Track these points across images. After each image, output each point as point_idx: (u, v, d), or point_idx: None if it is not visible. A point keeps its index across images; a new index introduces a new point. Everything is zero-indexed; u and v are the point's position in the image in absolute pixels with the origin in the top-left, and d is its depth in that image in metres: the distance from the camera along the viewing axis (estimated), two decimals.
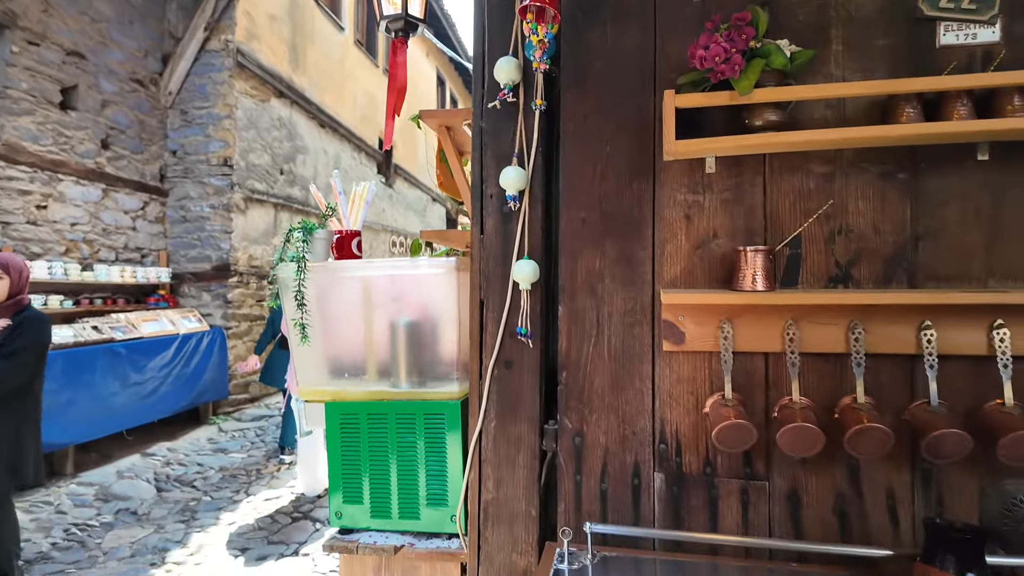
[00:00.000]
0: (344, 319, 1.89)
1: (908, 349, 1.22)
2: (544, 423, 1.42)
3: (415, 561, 1.84)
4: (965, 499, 1.22)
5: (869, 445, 1.16)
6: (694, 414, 1.33)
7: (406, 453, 1.81)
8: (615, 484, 1.37)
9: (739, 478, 1.31)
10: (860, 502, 1.25)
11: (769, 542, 1.25)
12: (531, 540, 1.38)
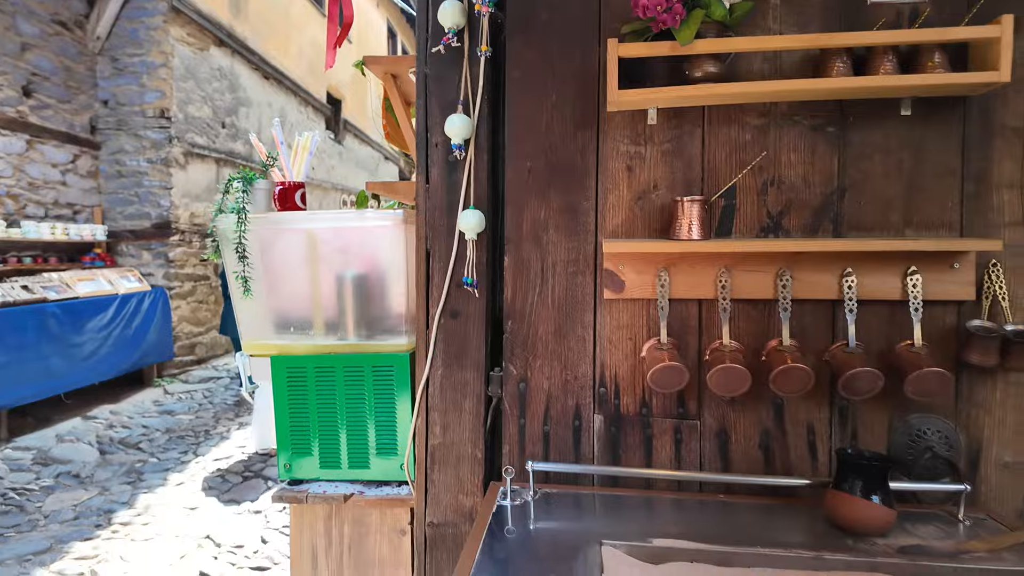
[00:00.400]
0: (288, 272, 1.86)
1: (831, 295, 1.30)
2: (490, 370, 1.45)
3: (365, 509, 1.88)
4: (876, 432, 1.32)
5: (792, 384, 1.24)
6: (632, 359, 1.39)
7: (355, 405, 1.82)
8: (557, 426, 1.42)
9: (673, 418, 1.38)
10: (783, 437, 1.35)
11: (699, 475, 1.33)
12: (477, 481, 1.42)
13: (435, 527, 1.45)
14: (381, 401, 1.80)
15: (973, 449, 1.29)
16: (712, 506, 1.28)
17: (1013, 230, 1.26)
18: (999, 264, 1.26)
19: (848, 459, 1.14)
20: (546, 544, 1.10)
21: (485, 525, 1.16)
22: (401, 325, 1.82)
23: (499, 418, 1.46)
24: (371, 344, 1.83)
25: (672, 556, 1.03)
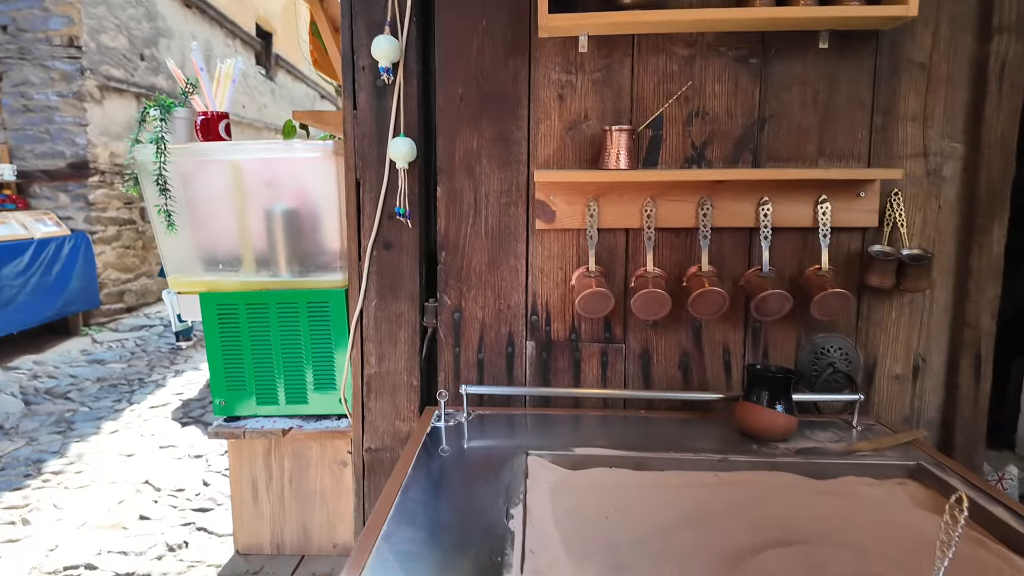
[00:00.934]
0: (214, 206, 1.80)
1: (748, 223, 1.36)
2: (425, 301, 1.47)
3: (305, 442, 1.90)
4: (785, 351, 1.42)
5: (708, 307, 1.31)
6: (562, 287, 1.43)
7: (290, 341, 1.81)
8: (491, 353, 1.46)
9: (600, 342, 1.44)
10: (701, 358, 1.43)
11: (623, 392, 1.41)
12: (413, 408, 1.46)
13: (372, 452, 1.49)
14: (317, 337, 1.80)
15: (869, 364, 1.41)
16: (634, 421, 1.37)
17: (913, 161, 1.35)
18: (900, 193, 1.35)
19: (756, 373, 1.23)
20: (477, 458, 1.15)
21: (418, 444, 1.20)
22: (336, 261, 1.80)
23: (435, 347, 1.49)
24: (305, 280, 1.81)
25: (592, 463, 1.10)
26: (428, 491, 1.03)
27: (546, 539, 0.84)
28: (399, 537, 0.87)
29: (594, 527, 0.90)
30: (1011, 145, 1.32)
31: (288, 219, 1.80)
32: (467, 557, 0.82)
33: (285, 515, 1.94)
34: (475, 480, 1.06)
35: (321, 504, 1.92)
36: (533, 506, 0.93)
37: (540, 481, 1.02)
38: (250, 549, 1.97)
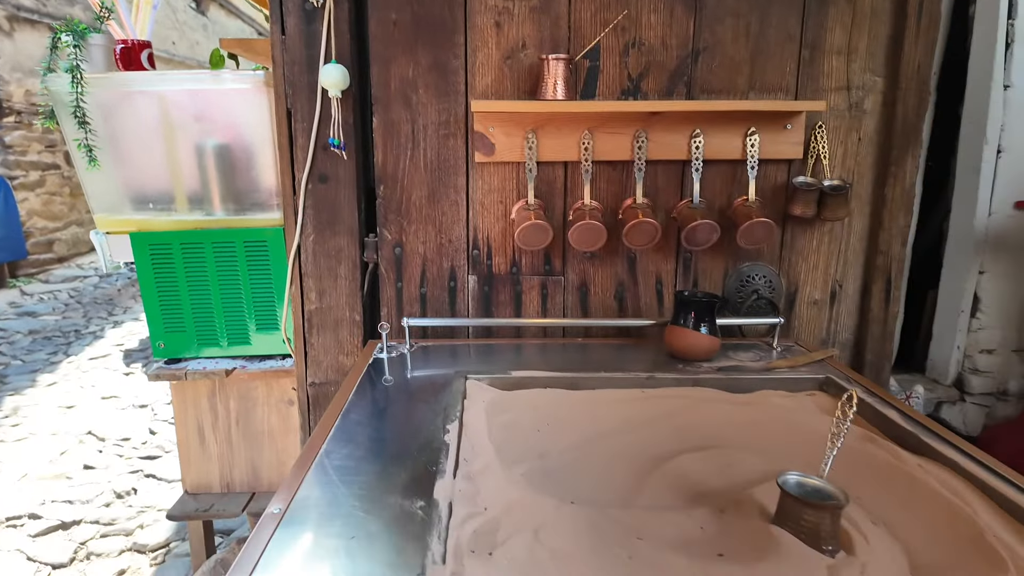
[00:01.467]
0: (139, 142, 1.71)
1: (681, 155, 1.40)
2: (365, 236, 1.46)
3: (249, 382, 1.90)
4: (713, 279, 1.49)
5: (642, 238, 1.36)
6: (503, 221, 1.45)
7: (229, 281, 1.78)
8: (433, 288, 1.48)
9: (540, 275, 1.48)
10: (635, 288, 1.49)
11: (562, 321, 1.47)
12: (356, 342, 1.47)
13: (317, 386, 1.50)
14: (257, 277, 1.77)
15: (791, 290, 1.50)
16: (572, 348, 1.42)
17: (837, 94, 1.40)
18: (823, 126, 1.41)
19: (683, 298, 1.29)
20: (419, 385, 1.18)
21: (361, 372, 1.22)
22: (272, 199, 1.76)
23: (377, 283, 1.49)
24: (242, 219, 1.76)
25: (528, 384, 1.15)
26: (368, 414, 1.05)
27: (479, 449, 0.88)
28: (338, 454, 0.90)
29: (526, 438, 0.95)
30: (927, 79, 1.38)
31: (220, 155, 1.74)
32: (404, 468, 0.86)
33: (233, 455, 1.95)
34: (415, 403, 1.09)
35: (269, 443, 1.93)
36: (469, 422, 0.98)
37: (477, 401, 1.06)
38: (199, 489, 1.97)
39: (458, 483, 0.78)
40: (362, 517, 0.75)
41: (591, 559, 0.63)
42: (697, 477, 0.86)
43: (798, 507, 0.70)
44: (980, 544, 0.70)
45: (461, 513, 0.72)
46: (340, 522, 0.74)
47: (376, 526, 0.73)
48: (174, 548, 2.43)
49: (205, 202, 1.77)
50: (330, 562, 0.67)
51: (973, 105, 2.08)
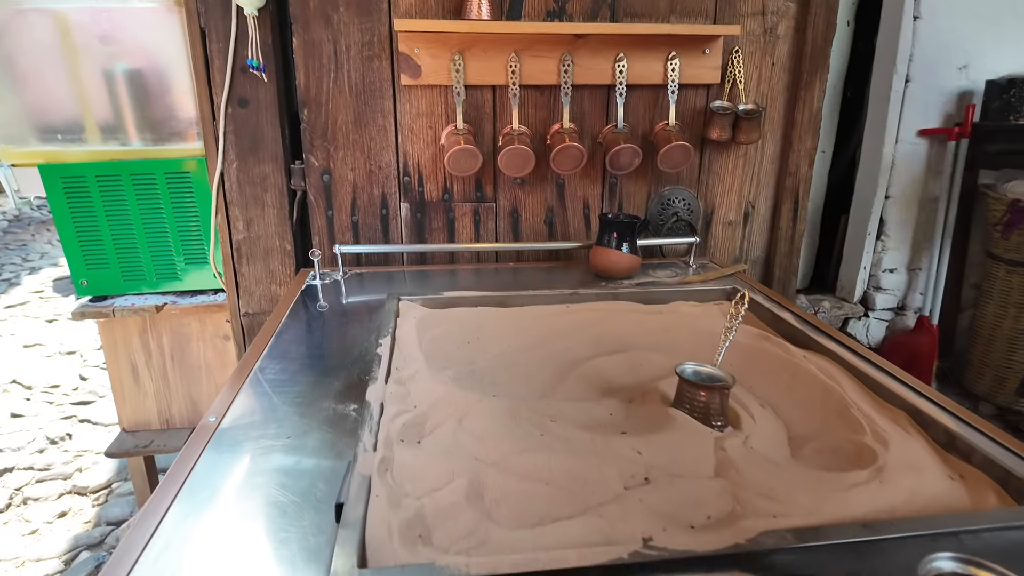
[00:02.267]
0: (40, 66, 1.59)
1: (606, 80, 1.43)
2: (291, 163, 1.44)
3: (182, 318, 1.87)
4: (637, 203, 1.56)
5: (568, 162, 1.40)
6: (433, 147, 1.45)
7: (152, 215, 1.72)
8: (365, 215, 1.48)
9: (472, 201, 1.50)
10: (564, 212, 1.54)
11: (494, 245, 1.51)
12: (288, 272, 1.48)
13: (251, 316, 1.51)
14: (181, 209, 1.72)
15: (708, 212, 1.59)
16: (504, 272, 1.48)
17: (753, 20, 1.45)
18: (740, 51, 1.46)
19: (606, 220, 1.36)
20: (353, 309, 1.21)
21: (293, 298, 1.24)
22: (193, 127, 1.68)
23: (306, 211, 1.48)
24: (161, 149, 1.69)
25: (459, 303, 1.20)
26: (302, 334, 1.08)
27: (410, 359, 0.93)
28: (272, 369, 0.93)
29: (455, 349, 1.00)
30: (835, 5, 1.44)
31: (132, 81, 1.64)
32: (337, 379, 0.90)
33: (170, 391, 1.94)
34: (349, 324, 1.12)
35: (207, 378, 1.93)
36: (401, 337, 1.02)
37: (409, 318, 1.10)
38: (137, 427, 1.97)
39: (389, 387, 0.83)
40: (297, 420, 0.79)
41: (507, 438, 0.69)
42: (609, 375, 0.94)
43: (692, 390, 0.78)
44: (845, 415, 0.81)
45: (392, 411, 0.77)
46: (275, 425, 0.78)
47: (310, 426, 0.78)
48: (116, 488, 2.43)
49: (119, 132, 1.68)
50: (267, 458, 0.71)
51: (886, 36, 2.17)
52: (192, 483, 0.67)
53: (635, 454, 0.69)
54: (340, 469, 0.69)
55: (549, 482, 0.63)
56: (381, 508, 0.59)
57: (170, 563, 0.56)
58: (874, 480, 0.66)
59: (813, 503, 0.62)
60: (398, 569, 0.52)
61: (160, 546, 0.58)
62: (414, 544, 0.55)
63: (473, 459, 0.67)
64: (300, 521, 0.61)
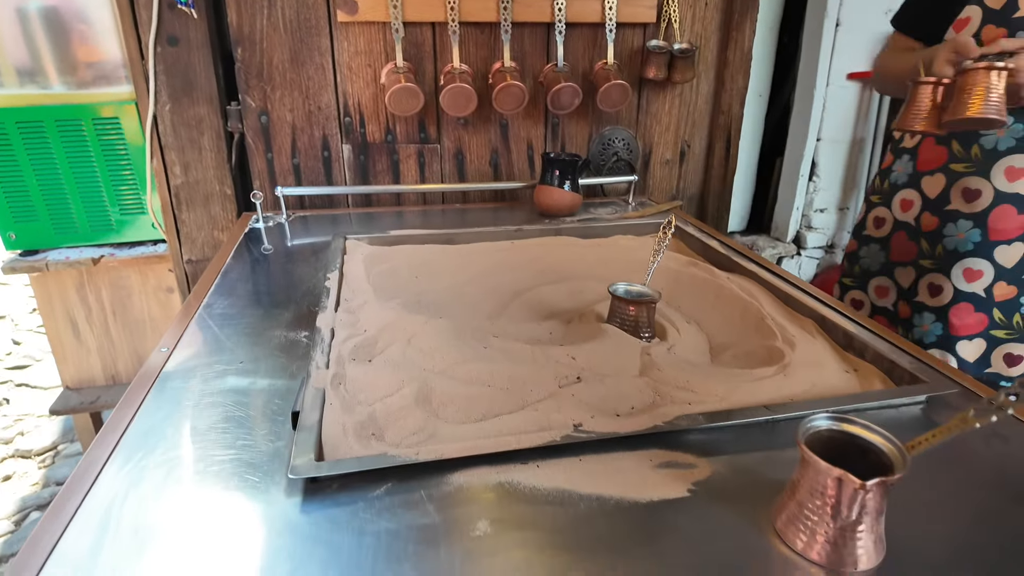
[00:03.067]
0: None
1: (545, 18, 1.44)
2: (227, 104, 1.40)
3: (121, 271, 1.83)
4: (579, 143, 1.60)
5: (510, 101, 1.42)
6: (373, 86, 1.44)
7: (81, 163, 1.65)
8: (306, 158, 1.47)
9: (416, 143, 1.51)
10: (508, 154, 1.57)
11: (440, 186, 1.53)
12: (230, 217, 1.46)
13: (194, 264, 1.49)
14: (113, 156, 1.65)
15: (646, 152, 1.65)
16: (451, 213, 1.50)
17: None
18: None
19: (548, 159, 1.39)
20: (299, 250, 1.22)
21: (237, 240, 1.24)
22: (120, 70, 1.61)
23: (245, 154, 1.46)
24: (86, 94, 1.61)
25: (406, 241, 1.22)
26: (248, 273, 1.09)
27: (359, 291, 0.96)
28: (220, 305, 0.95)
29: (403, 283, 1.04)
30: None
31: (48, 19, 1.54)
32: (287, 311, 0.93)
33: (114, 347, 1.91)
34: (295, 263, 1.14)
35: (152, 331, 1.91)
36: (349, 272, 1.05)
37: (356, 255, 1.12)
38: (81, 384, 1.93)
39: (339, 315, 0.86)
40: (249, 347, 0.82)
41: (453, 352, 0.74)
42: (551, 302, 0.99)
43: (622, 305, 0.85)
44: (761, 326, 0.89)
45: (342, 335, 0.80)
46: (228, 353, 0.80)
47: (263, 353, 0.80)
48: (63, 450, 2.39)
49: (38, 75, 1.59)
50: (221, 380, 0.74)
51: None
52: (149, 405, 0.69)
53: (570, 360, 0.75)
54: (294, 387, 0.72)
55: (491, 385, 0.69)
56: (335, 413, 0.63)
57: (136, 470, 0.59)
58: (780, 374, 0.74)
59: (725, 393, 0.70)
60: (354, 460, 0.57)
61: (123, 458, 0.60)
62: (368, 441, 0.60)
63: (421, 370, 0.72)
64: (258, 431, 0.65)
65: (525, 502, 0.55)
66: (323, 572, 0.48)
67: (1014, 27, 0.95)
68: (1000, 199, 0.98)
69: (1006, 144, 0.97)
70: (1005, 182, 0.97)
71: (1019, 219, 0.97)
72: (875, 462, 0.50)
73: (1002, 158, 0.97)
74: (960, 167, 1.03)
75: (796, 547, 0.50)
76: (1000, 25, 0.97)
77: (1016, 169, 0.97)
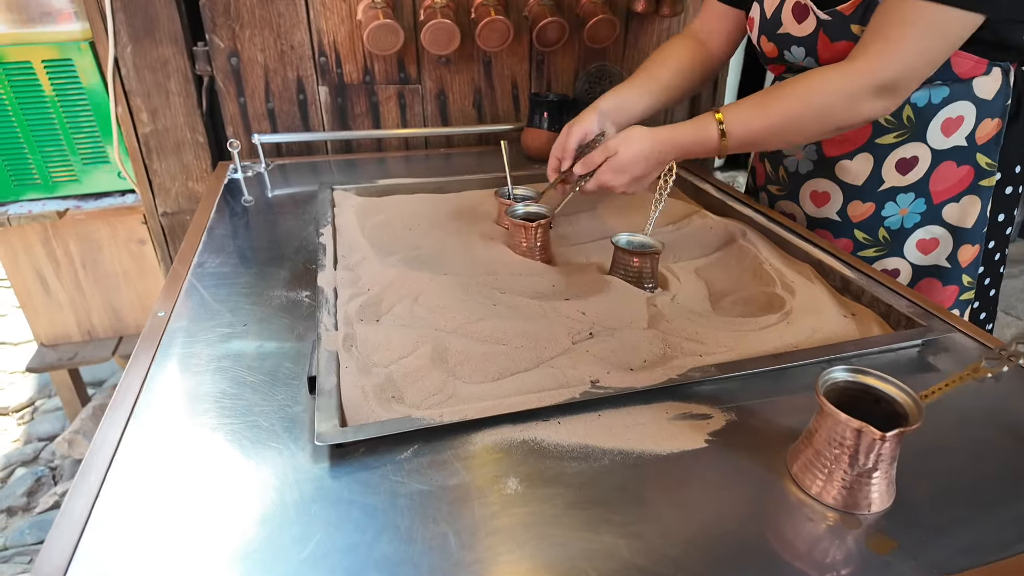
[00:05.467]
0: None
1: None
2: (193, 45, 1.31)
3: (89, 223, 1.75)
4: (565, 82, 1.55)
5: (495, 37, 1.36)
6: (349, 23, 1.36)
7: (34, 110, 1.54)
8: (281, 102, 1.40)
9: (396, 83, 1.44)
10: (492, 93, 1.52)
11: (422, 131, 1.48)
12: (205, 166, 1.39)
13: (170, 216, 1.43)
14: (70, 102, 1.55)
15: None
16: (436, 158, 1.46)
17: None
18: None
19: (536, 99, 1.35)
20: (282, 201, 1.18)
21: (217, 193, 1.19)
22: (68, 6, 1.48)
23: (216, 99, 1.38)
24: (33, 33, 1.49)
25: (395, 191, 1.19)
26: (235, 228, 1.06)
27: (355, 246, 0.94)
28: (211, 263, 0.92)
29: (398, 235, 1.02)
30: None
31: None
32: (283, 268, 0.91)
33: (88, 301, 1.85)
34: (282, 216, 1.10)
35: (127, 284, 1.85)
36: (341, 226, 1.02)
37: (346, 207, 1.09)
38: (56, 340, 1.88)
39: (339, 273, 0.85)
40: (250, 309, 0.80)
41: (462, 309, 0.74)
42: None
43: (626, 256, 0.85)
44: (759, 271, 0.91)
45: (346, 294, 0.79)
46: (229, 315, 0.78)
47: (265, 314, 0.79)
48: (41, 405, 2.36)
49: None
50: (227, 345, 0.72)
51: None
52: (156, 374, 0.68)
53: (580, 315, 0.75)
54: (303, 350, 0.71)
55: (505, 343, 0.69)
56: (352, 376, 0.63)
57: (155, 444, 0.58)
58: (782, 322, 0.76)
59: (732, 343, 0.72)
60: (378, 424, 0.57)
61: (139, 432, 0.60)
62: (388, 403, 0.60)
63: (433, 329, 0.71)
64: (273, 396, 0.64)
65: (550, 458, 0.56)
66: (361, 534, 0.49)
67: (780, 43, 0.97)
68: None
69: (805, 168, 1.05)
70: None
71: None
72: (888, 410, 0.53)
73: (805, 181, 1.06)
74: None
75: (811, 491, 0.53)
76: (771, 39, 0.99)
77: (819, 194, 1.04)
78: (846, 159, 0.98)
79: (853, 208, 1.00)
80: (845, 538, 0.50)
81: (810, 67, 0.94)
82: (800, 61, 0.97)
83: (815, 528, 0.50)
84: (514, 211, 0.95)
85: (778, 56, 1.00)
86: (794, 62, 0.98)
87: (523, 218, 0.94)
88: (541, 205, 0.98)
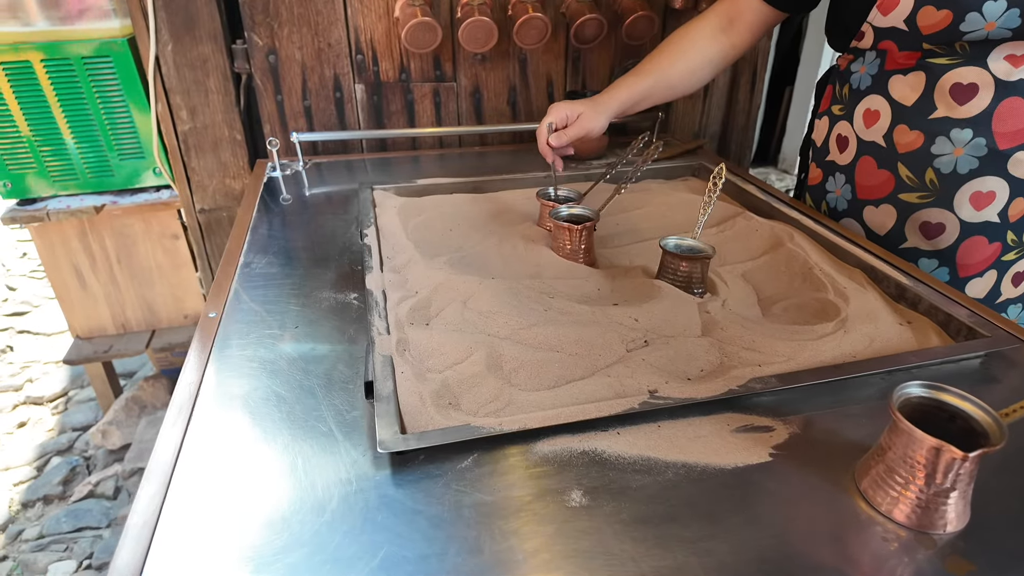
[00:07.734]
0: None
1: None
2: (232, 43, 1.32)
3: (124, 219, 1.77)
4: (601, 78, 1.53)
5: (533, 35, 1.34)
6: (386, 20, 1.35)
7: (75, 107, 1.56)
8: (318, 99, 1.40)
9: (431, 81, 1.44)
10: (527, 91, 1.50)
11: (457, 129, 1.47)
12: (242, 164, 1.40)
13: (208, 213, 1.44)
14: (109, 99, 1.56)
15: None
16: (470, 156, 1.46)
17: None
18: None
19: (572, 96, 1.34)
20: (322, 200, 1.18)
21: (257, 194, 1.19)
22: (107, 3, 1.50)
23: (253, 97, 1.38)
24: (73, 30, 1.50)
25: (433, 190, 1.19)
26: (277, 228, 1.06)
27: (399, 248, 0.94)
28: (258, 263, 0.92)
29: (441, 236, 1.01)
30: None
31: None
32: (329, 270, 0.91)
33: (122, 295, 1.88)
34: (323, 216, 1.10)
35: (160, 279, 1.87)
36: (384, 226, 1.02)
37: (387, 207, 1.09)
38: (91, 333, 1.91)
39: (386, 276, 0.84)
40: (299, 311, 0.80)
41: (514, 314, 0.74)
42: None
43: (675, 261, 0.84)
44: (809, 276, 0.89)
45: (394, 297, 0.79)
46: (279, 317, 0.79)
47: (315, 316, 0.79)
48: (74, 396, 2.40)
49: (18, 10, 1.47)
50: (280, 347, 0.73)
51: None
52: (211, 376, 0.68)
53: (632, 321, 0.75)
54: (356, 352, 0.71)
55: (560, 350, 0.69)
56: (409, 382, 0.63)
57: (215, 449, 0.59)
58: (839, 330, 0.75)
59: (790, 352, 0.70)
60: (439, 432, 0.57)
61: (200, 437, 0.60)
62: (446, 410, 0.60)
63: (485, 335, 0.71)
64: (331, 400, 0.64)
65: (613, 470, 0.56)
66: (429, 544, 0.48)
67: (962, 4, 0.76)
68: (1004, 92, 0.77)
69: (967, 166, 0.85)
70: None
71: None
72: (964, 427, 0.51)
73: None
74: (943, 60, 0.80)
75: (882, 508, 0.52)
76: (944, 4, 0.77)
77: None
78: (1020, 151, 0.81)
79: (1015, 206, 0.85)
80: (921, 559, 0.49)
81: (1012, 26, 0.73)
82: (992, 22, 0.72)
83: (889, 547, 0.49)
84: (558, 213, 0.95)
85: (950, 25, 0.76)
86: (973, 29, 0.74)
87: (568, 220, 0.94)
88: (585, 207, 0.97)
